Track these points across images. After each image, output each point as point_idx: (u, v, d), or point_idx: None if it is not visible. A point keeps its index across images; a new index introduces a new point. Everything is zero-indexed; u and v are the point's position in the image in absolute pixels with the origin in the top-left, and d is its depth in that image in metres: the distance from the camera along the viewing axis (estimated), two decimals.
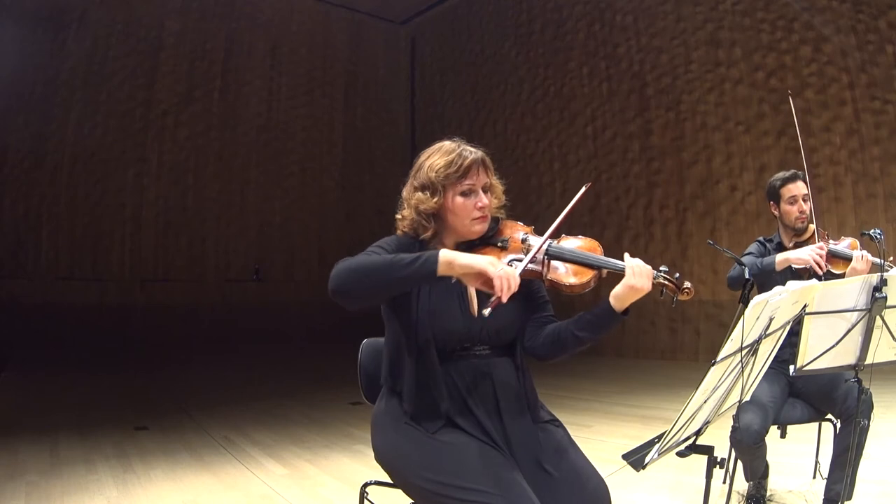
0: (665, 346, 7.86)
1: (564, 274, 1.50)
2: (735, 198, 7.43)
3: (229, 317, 9.99)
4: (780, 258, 2.36)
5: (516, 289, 1.30)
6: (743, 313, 1.37)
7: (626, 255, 1.49)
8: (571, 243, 1.57)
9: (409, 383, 1.48)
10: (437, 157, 1.56)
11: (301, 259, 11.11)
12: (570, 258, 1.51)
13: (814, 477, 2.68)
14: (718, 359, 1.36)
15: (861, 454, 2.09)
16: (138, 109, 9.68)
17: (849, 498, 2.05)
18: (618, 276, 1.48)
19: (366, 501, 1.71)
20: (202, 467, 3.49)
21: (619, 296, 1.45)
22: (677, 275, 1.50)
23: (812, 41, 6.80)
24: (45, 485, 3.10)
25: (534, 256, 1.48)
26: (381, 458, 1.53)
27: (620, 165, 8.71)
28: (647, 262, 1.48)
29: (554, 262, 1.52)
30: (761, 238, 2.67)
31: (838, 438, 2.16)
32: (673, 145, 8.12)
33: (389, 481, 1.54)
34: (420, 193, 1.54)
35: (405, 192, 1.60)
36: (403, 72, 12.80)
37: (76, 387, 6.23)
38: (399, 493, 1.50)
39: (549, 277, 1.50)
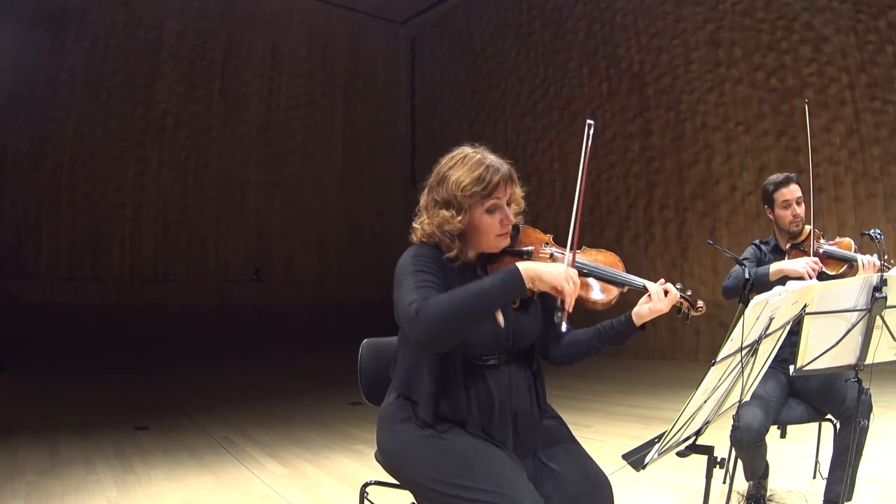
0: (665, 346, 7.86)
1: (590, 291, 1.53)
2: (735, 198, 7.43)
3: (229, 317, 9.99)
4: (775, 268, 2.35)
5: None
6: (743, 313, 1.37)
7: (648, 283, 1.53)
8: (594, 257, 1.60)
9: (429, 392, 1.46)
10: (463, 171, 1.46)
11: (301, 259, 11.12)
12: (597, 275, 1.54)
13: (814, 477, 2.68)
14: (718, 359, 1.36)
15: (861, 454, 2.09)
16: (138, 109, 9.67)
17: (849, 498, 2.05)
18: (636, 291, 1.53)
19: (366, 501, 1.70)
20: (202, 467, 3.49)
21: (642, 315, 1.51)
22: (689, 292, 1.56)
23: (812, 41, 6.80)
24: (45, 485, 3.10)
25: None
26: (386, 456, 1.52)
27: (620, 165, 8.70)
28: (646, 262, 1.51)
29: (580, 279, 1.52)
30: (757, 241, 2.66)
31: (838, 438, 2.16)
32: (673, 145, 8.11)
33: (390, 481, 1.54)
34: (444, 211, 1.45)
35: (423, 202, 1.52)
36: (403, 72, 12.79)
37: (76, 387, 6.23)
38: (399, 493, 1.50)
39: None
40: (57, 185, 9.03)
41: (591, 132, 1.50)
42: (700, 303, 1.55)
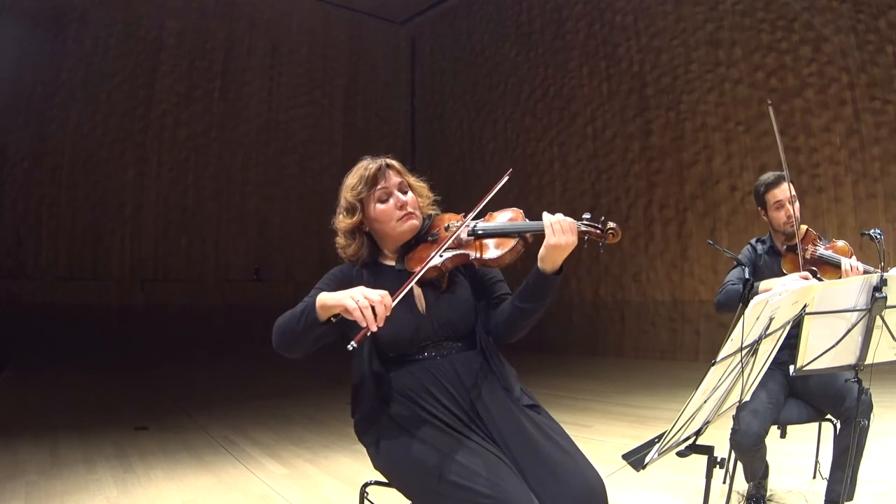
0: (665, 346, 7.86)
1: (489, 250, 1.50)
2: (735, 198, 7.43)
3: (229, 317, 9.99)
4: (764, 287, 2.28)
5: (388, 311, 1.28)
6: (743, 313, 1.37)
7: (545, 214, 1.46)
8: (493, 218, 1.58)
9: (371, 395, 1.51)
10: (349, 178, 1.63)
11: (301, 259, 11.11)
12: (492, 232, 1.52)
13: (814, 477, 2.68)
14: (718, 359, 1.36)
15: (861, 454, 2.09)
16: (138, 109, 9.68)
17: (850, 498, 2.05)
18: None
19: (366, 501, 1.70)
20: (202, 467, 3.49)
21: (544, 257, 1.44)
22: (602, 218, 1.46)
23: (812, 41, 6.80)
24: (45, 485, 3.10)
25: (455, 241, 1.50)
26: (376, 464, 1.55)
27: (620, 165, 8.70)
28: (646, 262, 1.48)
29: (478, 242, 1.52)
30: (753, 240, 2.62)
31: (838, 439, 2.16)
32: (673, 145, 8.11)
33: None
34: (342, 216, 1.62)
35: (336, 224, 1.66)
36: (403, 72, 12.80)
37: (76, 387, 6.24)
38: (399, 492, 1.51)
39: (475, 257, 1.51)
40: (57, 185, 9.03)
41: (506, 179, 1.57)
42: (611, 225, 1.43)
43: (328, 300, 1.35)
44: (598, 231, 1.43)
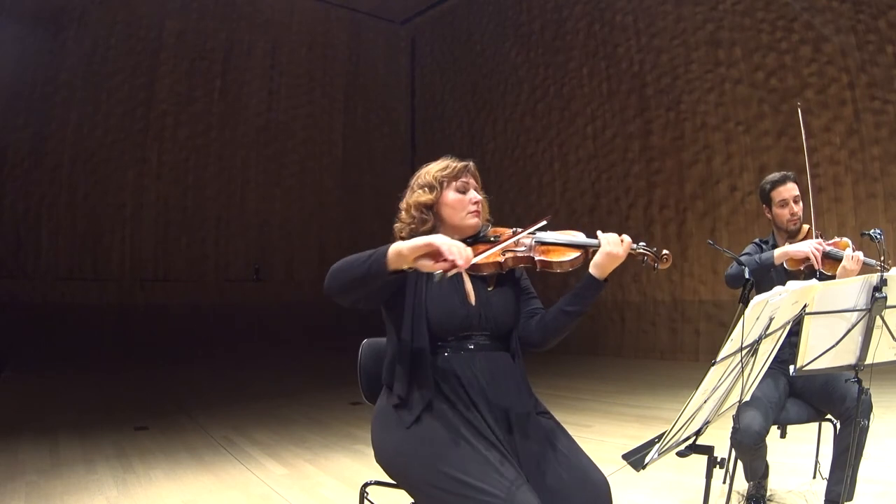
0: (665, 346, 7.86)
1: (553, 255, 1.62)
2: (735, 198, 7.43)
3: (229, 317, 9.99)
4: (780, 252, 2.36)
5: (469, 258, 1.33)
6: (743, 313, 1.37)
7: (599, 232, 1.60)
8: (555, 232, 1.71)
9: (403, 376, 1.52)
10: (434, 164, 1.74)
11: (301, 259, 11.12)
12: (555, 242, 1.64)
13: (814, 477, 2.68)
14: (718, 359, 1.36)
15: (861, 454, 2.09)
16: (138, 109, 9.68)
17: (850, 498, 2.04)
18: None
19: (366, 501, 1.70)
20: (202, 467, 3.49)
21: (599, 264, 1.57)
22: (655, 248, 1.62)
23: (812, 41, 6.80)
24: (45, 485, 3.10)
25: (519, 240, 1.62)
26: (380, 457, 1.53)
27: (620, 165, 8.70)
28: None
29: (542, 247, 1.64)
30: (757, 240, 2.66)
31: (838, 439, 2.16)
32: (673, 145, 8.11)
33: (389, 481, 1.54)
34: (419, 190, 1.68)
35: (403, 203, 1.72)
36: (403, 72, 12.80)
37: (76, 387, 6.24)
38: (399, 493, 1.50)
39: (538, 258, 1.61)
40: (57, 185, 9.03)
41: (544, 222, 1.66)
42: (665, 252, 1.60)
43: (406, 246, 1.32)
44: (653, 255, 1.61)
